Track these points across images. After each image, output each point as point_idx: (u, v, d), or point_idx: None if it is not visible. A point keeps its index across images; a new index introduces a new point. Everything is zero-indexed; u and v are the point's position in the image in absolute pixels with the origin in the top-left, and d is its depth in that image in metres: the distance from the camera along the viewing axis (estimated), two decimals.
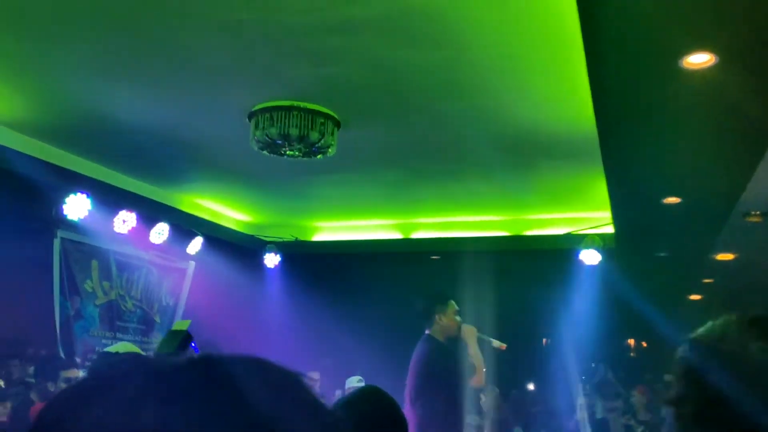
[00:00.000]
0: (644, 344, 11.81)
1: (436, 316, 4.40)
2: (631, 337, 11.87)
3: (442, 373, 4.24)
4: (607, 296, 7.91)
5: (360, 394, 1.92)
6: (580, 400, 8.04)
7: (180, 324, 2.61)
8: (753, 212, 5.93)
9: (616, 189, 5.04)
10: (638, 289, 8.16)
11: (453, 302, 4.51)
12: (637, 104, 3.46)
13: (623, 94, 3.36)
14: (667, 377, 9.65)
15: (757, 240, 6.64)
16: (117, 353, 2.62)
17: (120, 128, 5.34)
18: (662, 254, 7.18)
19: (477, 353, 4.41)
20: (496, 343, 4.56)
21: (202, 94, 4.75)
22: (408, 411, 4.16)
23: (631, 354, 12.21)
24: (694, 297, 10.33)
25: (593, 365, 9.89)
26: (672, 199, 5.14)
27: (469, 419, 5.94)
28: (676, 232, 6.24)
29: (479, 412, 8.96)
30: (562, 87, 4.28)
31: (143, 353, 2.80)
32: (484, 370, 4.46)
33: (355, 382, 6.78)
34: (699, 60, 2.92)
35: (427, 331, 4.43)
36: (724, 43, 2.82)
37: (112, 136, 5.52)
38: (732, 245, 7.10)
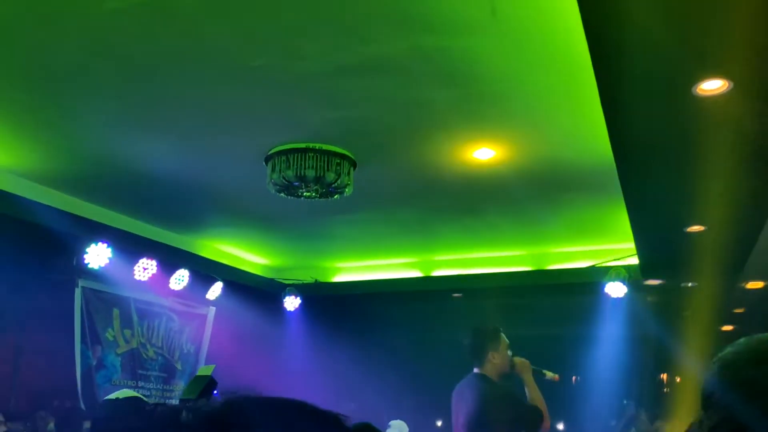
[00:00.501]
0: (678, 379, 11.50)
1: (489, 354, 3.98)
2: (663, 372, 11.56)
3: (506, 420, 3.82)
4: (635, 329, 7.73)
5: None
6: None
7: (204, 369, 2.60)
8: None
9: (637, 219, 4.96)
10: (667, 321, 7.96)
11: (504, 335, 4.10)
12: (652, 134, 3.42)
13: (638, 125, 3.33)
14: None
15: None
16: (117, 399, 2.62)
17: (139, 177, 5.41)
18: (690, 284, 7.02)
19: (538, 393, 4.01)
20: (549, 374, 4.15)
21: (219, 139, 4.81)
22: None
23: (665, 389, 11.88)
24: (726, 328, 10.07)
25: (625, 402, 9.62)
26: (696, 228, 5.04)
27: None
28: (702, 261, 6.10)
29: None
30: (580, 118, 4.25)
31: (143, 397, 2.77)
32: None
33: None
34: (712, 87, 2.88)
35: (476, 370, 4.03)
36: (738, 69, 2.78)
37: (131, 185, 5.59)
38: (762, 273, 6.94)
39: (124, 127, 4.60)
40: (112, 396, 2.72)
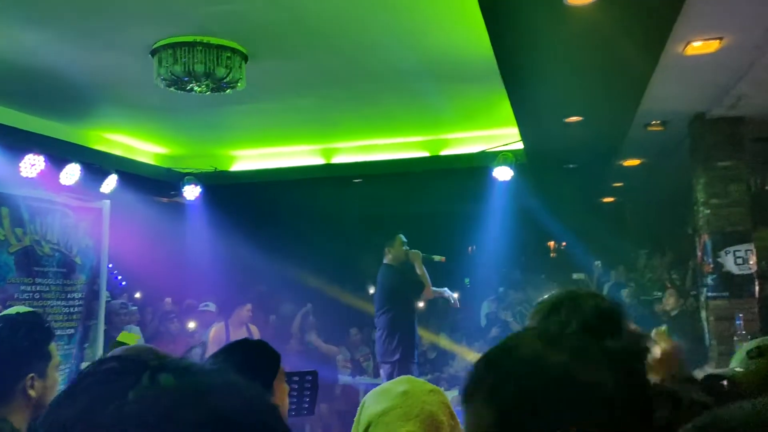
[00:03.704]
0: (563, 244, 12.51)
1: (386, 250, 5.88)
2: (550, 240, 12.53)
3: (397, 288, 5.70)
4: (523, 208, 8.30)
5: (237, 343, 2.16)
6: (484, 308, 8.61)
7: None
8: (654, 122, 6.27)
9: (520, 111, 5.22)
10: (552, 197, 8.58)
11: (400, 236, 5.91)
12: (528, 37, 3.57)
13: (515, 29, 3.45)
14: (576, 276, 10.33)
15: (661, 146, 7.05)
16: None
17: (19, 69, 5.12)
18: (571, 166, 7.52)
19: (423, 271, 5.79)
20: (437, 257, 5.97)
21: (101, 30, 4.57)
22: (377, 320, 5.80)
23: (552, 254, 12.94)
24: (607, 199, 10.91)
25: (519, 272, 10.47)
26: (574, 118, 5.37)
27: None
28: (582, 146, 6.54)
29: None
30: (466, 13, 4.31)
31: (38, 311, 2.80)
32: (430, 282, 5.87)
33: None
34: None
35: (384, 261, 5.88)
36: None
37: (10, 78, 5.29)
38: (637, 152, 7.49)
39: (1, 16, 4.28)
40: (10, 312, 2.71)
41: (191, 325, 7.18)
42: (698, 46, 4.25)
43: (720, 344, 5.60)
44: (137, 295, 7.94)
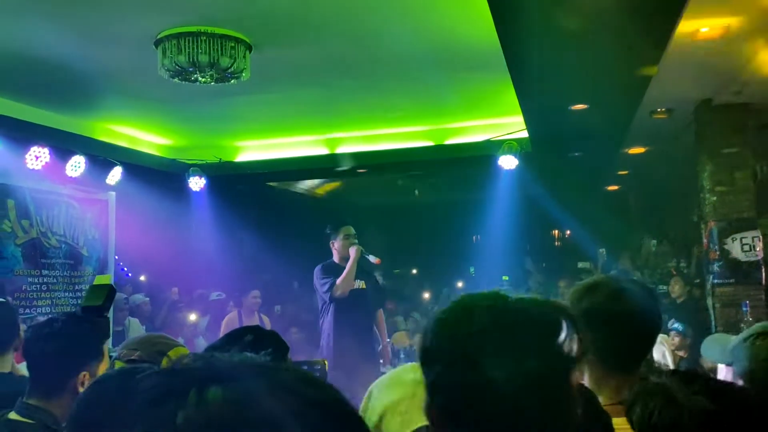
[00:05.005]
0: (568, 233, 12.50)
1: (330, 244, 5.35)
2: (554, 229, 12.54)
3: (321, 287, 5.24)
4: (528, 196, 8.29)
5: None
6: None
7: (101, 279, 2.67)
8: (659, 110, 6.25)
9: (525, 99, 5.20)
10: (557, 186, 8.57)
11: (346, 227, 5.34)
12: (533, 24, 3.55)
13: (520, 16, 3.43)
14: (581, 264, 10.32)
15: (666, 133, 7.02)
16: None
17: (23, 61, 5.11)
18: (576, 154, 7.50)
19: (348, 269, 5.21)
20: (372, 258, 5.36)
21: (105, 21, 4.55)
22: None
23: (556, 243, 12.94)
24: (612, 188, 10.89)
25: (528, 258, 10.48)
26: (579, 106, 5.35)
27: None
28: (587, 134, 6.51)
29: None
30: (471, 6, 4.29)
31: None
32: (349, 280, 5.22)
33: None
34: None
35: (333, 259, 5.34)
36: None
37: (15, 69, 5.28)
38: (642, 140, 7.47)
39: (6, 9, 4.27)
40: None
41: (192, 317, 7.16)
42: (706, 32, 4.22)
43: (726, 331, 5.60)
44: (142, 278, 7.99)
